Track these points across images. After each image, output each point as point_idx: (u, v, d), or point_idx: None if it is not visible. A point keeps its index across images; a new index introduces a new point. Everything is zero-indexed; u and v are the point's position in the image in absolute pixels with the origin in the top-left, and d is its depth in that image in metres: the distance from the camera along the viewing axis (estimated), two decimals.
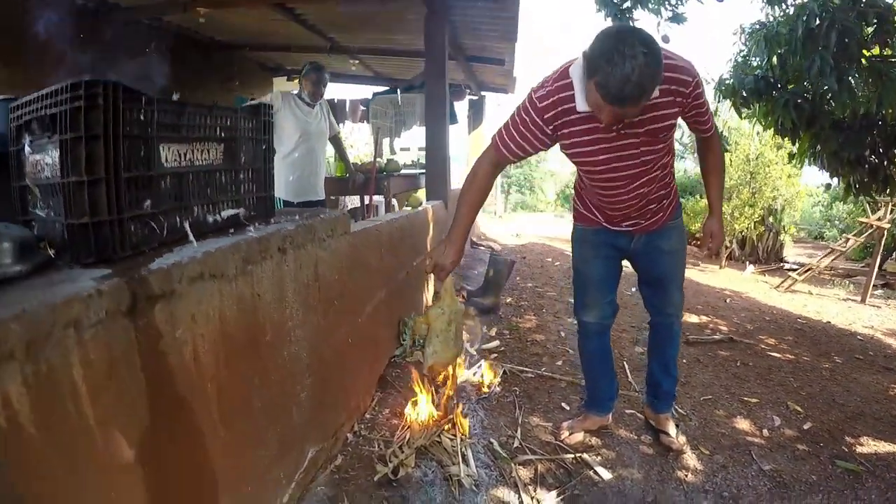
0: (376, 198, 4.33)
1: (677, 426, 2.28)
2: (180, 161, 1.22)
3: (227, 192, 1.41)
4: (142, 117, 1.08)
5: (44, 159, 1.08)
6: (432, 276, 1.99)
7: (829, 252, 7.58)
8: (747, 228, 8.96)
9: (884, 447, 2.34)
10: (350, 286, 2.09)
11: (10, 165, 1.19)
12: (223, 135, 1.38)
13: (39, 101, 1.06)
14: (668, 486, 1.95)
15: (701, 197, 9.52)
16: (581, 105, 1.65)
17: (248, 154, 1.50)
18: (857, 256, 9.01)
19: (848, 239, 7.43)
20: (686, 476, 2.02)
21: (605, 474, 1.98)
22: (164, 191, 1.16)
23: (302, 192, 3.65)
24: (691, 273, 7.10)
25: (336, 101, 7.41)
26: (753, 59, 4.02)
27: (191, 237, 1.16)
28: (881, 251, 7.01)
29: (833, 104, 3.71)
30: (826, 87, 3.39)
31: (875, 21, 3.41)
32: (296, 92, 3.76)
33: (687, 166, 13.90)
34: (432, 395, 2.28)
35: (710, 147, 2.00)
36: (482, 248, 6.84)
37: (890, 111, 3.60)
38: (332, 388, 1.94)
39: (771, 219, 9.43)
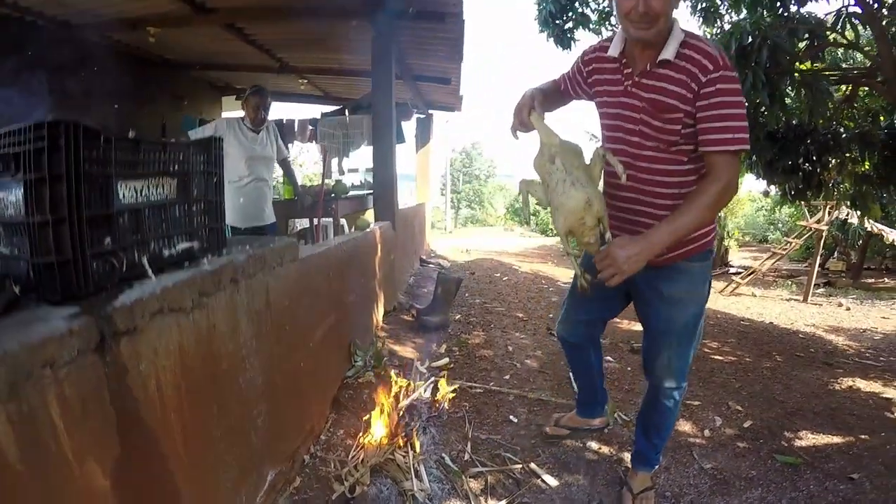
0: (324, 220, 4.38)
1: (649, 488, 2.00)
2: (136, 197, 1.25)
3: (181, 226, 1.44)
4: (101, 156, 1.11)
5: (7, 197, 1.09)
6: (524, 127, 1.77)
7: (770, 255, 7.98)
8: None
9: (822, 439, 2.53)
10: (300, 312, 2.14)
11: None
12: (177, 169, 1.40)
13: (1, 138, 1.09)
14: (613, 489, 2.07)
15: None
16: (614, 48, 1.67)
17: (201, 187, 1.53)
18: (799, 257, 9.19)
19: (789, 242, 7.84)
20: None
21: (552, 481, 2.09)
22: (122, 227, 1.19)
23: (250, 218, 3.64)
24: None
25: (285, 121, 7.44)
26: None
27: (150, 273, 1.20)
28: (821, 251, 7.41)
29: (766, 117, 3.91)
30: (759, 101, 3.58)
31: (806, 36, 3.68)
32: (242, 116, 3.77)
33: None
34: (386, 414, 2.34)
35: (707, 173, 1.57)
36: (431, 265, 6.96)
37: (821, 122, 3.86)
38: (287, 411, 1.98)
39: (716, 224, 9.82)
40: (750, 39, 3.45)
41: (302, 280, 2.16)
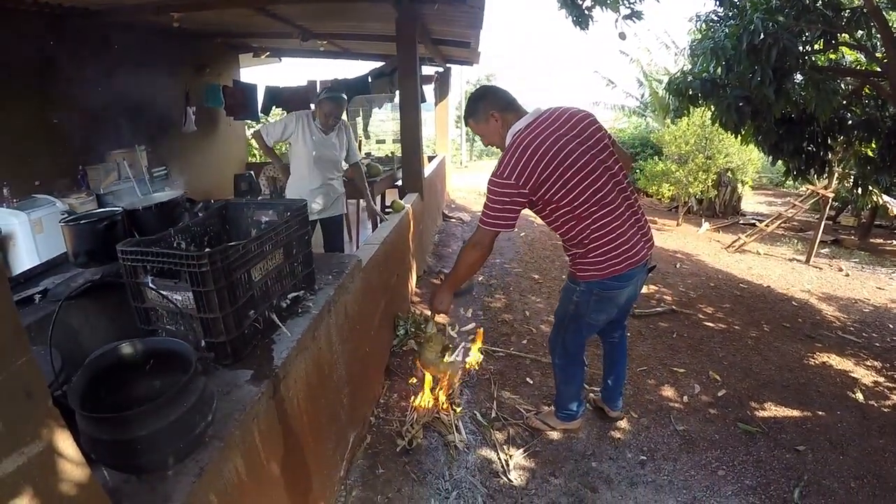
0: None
1: (544, 419, 2.81)
2: (262, 273, 1.78)
3: (290, 279, 1.99)
4: (241, 259, 1.62)
5: (172, 296, 1.55)
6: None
7: (776, 216, 8.07)
8: (702, 192, 9.28)
9: (782, 412, 2.94)
10: (363, 310, 2.75)
11: (129, 293, 1.64)
12: (282, 241, 1.91)
13: (155, 256, 1.54)
14: (603, 443, 2.69)
15: (659, 158, 9.76)
16: None
17: (299, 246, 2.06)
18: (814, 208, 8.95)
19: (794, 205, 7.89)
20: (617, 435, 2.74)
21: (557, 435, 2.75)
22: (257, 298, 1.74)
23: (322, 211, 3.83)
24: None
25: (307, 82, 7.76)
26: (700, 67, 4.34)
27: (283, 329, 1.80)
28: (826, 214, 7.38)
29: (772, 107, 3.95)
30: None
31: (819, 35, 3.77)
32: (312, 111, 3.77)
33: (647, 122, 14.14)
34: (432, 386, 2.98)
35: None
36: (453, 220, 7.50)
37: (823, 118, 3.95)
38: (359, 387, 2.64)
39: (729, 174, 9.71)
40: (762, 37, 3.50)
41: (364, 286, 2.76)
